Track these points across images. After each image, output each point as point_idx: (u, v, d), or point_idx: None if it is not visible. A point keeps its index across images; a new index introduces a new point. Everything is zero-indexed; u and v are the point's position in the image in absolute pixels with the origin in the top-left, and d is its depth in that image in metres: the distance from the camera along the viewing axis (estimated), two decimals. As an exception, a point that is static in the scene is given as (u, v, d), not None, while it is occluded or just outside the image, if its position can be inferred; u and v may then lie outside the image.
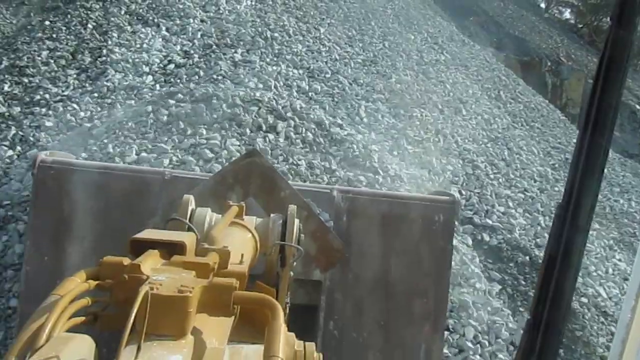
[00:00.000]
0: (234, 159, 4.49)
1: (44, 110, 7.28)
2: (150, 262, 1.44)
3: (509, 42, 21.88)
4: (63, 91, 7.69)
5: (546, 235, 7.90)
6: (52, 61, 8.31)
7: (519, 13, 28.08)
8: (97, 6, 9.73)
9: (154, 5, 9.92)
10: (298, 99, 6.65)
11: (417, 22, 13.53)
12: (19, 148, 6.62)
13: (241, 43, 8.63)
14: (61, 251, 4.15)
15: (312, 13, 10.56)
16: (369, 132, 7.92)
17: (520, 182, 9.40)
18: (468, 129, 9.63)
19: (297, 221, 2.72)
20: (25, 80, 7.82)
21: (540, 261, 7.43)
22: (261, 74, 7.83)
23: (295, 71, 8.16)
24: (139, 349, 1.14)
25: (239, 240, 2.27)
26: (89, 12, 9.53)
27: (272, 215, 2.75)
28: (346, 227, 4.29)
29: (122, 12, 9.59)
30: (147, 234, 1.62)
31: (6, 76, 7.91)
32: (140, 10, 9.76)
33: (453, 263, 5.04)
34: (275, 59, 8.43)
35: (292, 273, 2.83)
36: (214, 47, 8.59)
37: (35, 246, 4.28)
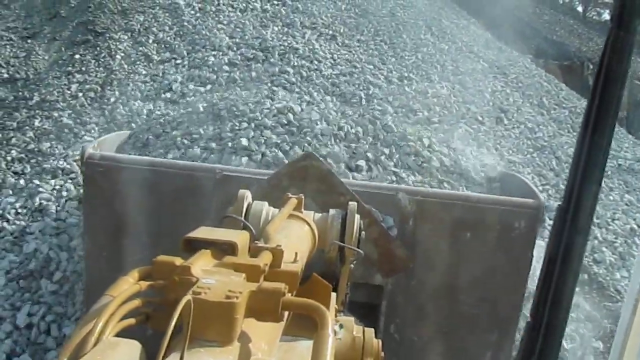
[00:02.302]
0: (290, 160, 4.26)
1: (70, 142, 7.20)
2: (201, 263, 1.42)
3: (548, 47, 21.20)
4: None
5: (604, 249, 7.30)
6: (80, 94, 8.28)
7: (556, 17, 27.30)
8: (126, 36, 9.74)
9: (180, 33, 9.86)
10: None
11: (451, 31, 13.13)
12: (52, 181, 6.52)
13: (267, 74, 8.36)
14: (119, 246, 4.13)
15: (341, 30, 10.32)
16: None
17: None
18: (511, 139, 9.11)
19: (357, 218, 2.59)
20: (55, 114, 7.79)
21: (601, 275, 6.85)
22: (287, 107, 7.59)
23: (328, 98, 7.84)
24: (182, 355, 1.10)
25: (296, 233, 2.23)
26: (118, 43, 9.53)
27: (331, 210, 2.63)
28: (412, 232, 3.99)
29: (150, 41, 9.55)
30: (200, 232, 1.59)
31: (37, 111, 7.91)
32: (168, 38, 9.71)
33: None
34: (304, 85, 8.14)
35: (351, 266, 2.71)
36: (239, 80, 8.34)
37: (93, 242, 4.29)
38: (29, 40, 10.37)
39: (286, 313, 1.37)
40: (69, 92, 8.27)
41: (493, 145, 8.09)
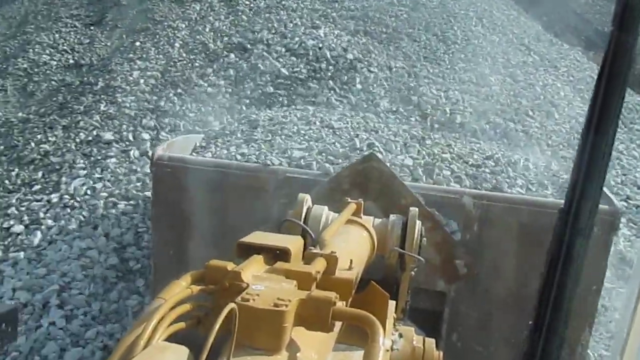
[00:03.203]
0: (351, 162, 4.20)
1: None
2: (253, 269, 1.41)
3: (599, 39, 20.65)
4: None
5: (655, 248, 7.25)
6: (142, 80, 8.65)
7: (608, 9, 26.49)
8: (183, 25, 10.07)
9: (235, 22, 10.12)
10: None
11: (502, 23, 13.01)
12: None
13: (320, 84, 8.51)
14: (185, 245, 4.22)
15: (393, 25, 10.38)
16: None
17: (622, 189, 8.71)
18: (562, 134, 9.07)
19: (418, 224, 2.55)
20: (119, 99, 8.17)
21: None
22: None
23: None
24: None
25: (354, 239, 2.19)
26: (175, 31, 9.87)
27: (391, 216, 2.59)
28: (477, 237, 3.86)
29: (207, 30, 9.85)
30: (254, 237, 1.59)
31: (102, 96, 8.32)
32: (224, 27, 9.99)
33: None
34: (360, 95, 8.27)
35: (412, 272, 2.67)
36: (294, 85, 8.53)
37: (160, 240, 4.40)
38: (91, 27, 10.84)
39: (338, 323, 1.33)
40: (131, 78, 8.64)
41: (545, 141, 8.09)
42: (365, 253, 2.22)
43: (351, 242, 2.10)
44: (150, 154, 4.73)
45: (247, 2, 10.56)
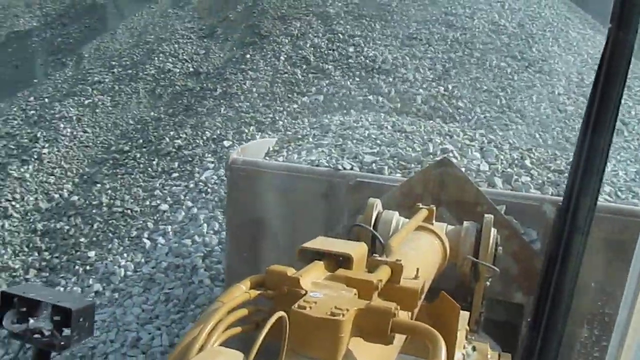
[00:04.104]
0: (423, 167, 4.17)
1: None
2: (313, 275, 1.40)
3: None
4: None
5: None
6: (254, 89, 10.06)
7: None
8: (287, 40, 11.44)
9: (332, 39, 11.39)
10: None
11: (577, 43, 13.68)
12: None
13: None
14: (257, 247, 4.26)
15: (478, 46, 11.30)
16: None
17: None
18: (631, 150, 9.78)
19: (494, 232, 2.45)
20: (236, 104, 9.60)
21: None
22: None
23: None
24: None
25: (423, 247, 2.12)
26: (280, 46, 11.25)
27: (465, 223, 2.51)
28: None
29: (308, 45, 11.17)
30: (316, 242, 1.57)
31: (221, 101, 9.78)
32: (321, 44, 11.28)
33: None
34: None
35: (487, 282, 2.57)
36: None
37: (234, 242, 4.46)
38: (205, 40, 12.40)
39: (400, 335, 1.28)
40: (245, 86, 10.07)
41: (613, 156, 8.87)
42: (436, 261, 2.13)
43: (420, 250, 2.03)
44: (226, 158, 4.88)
45: (342, 22, 11.81)
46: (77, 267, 7.10)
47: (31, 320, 1.67)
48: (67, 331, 1.65)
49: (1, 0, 21.26)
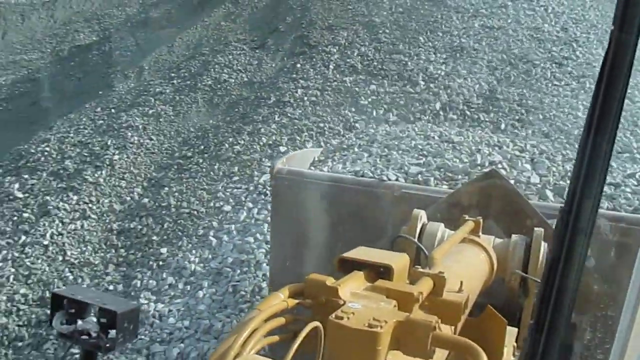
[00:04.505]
0: (471, 179, 4.10)
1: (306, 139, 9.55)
2: (352, 285, 1.40)
3: None
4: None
5: None
6: (305, 97, 10.66)
7: None
8: (335, 49, 12.01)
9: (378, 48, 11.88)
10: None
11: None
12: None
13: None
14: (300, 257, 4.25)
15: (522, 53, 11.57)
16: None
17: None
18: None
19: (544, 246, 2.39)
20: (289, 112, 10.22)
21: None
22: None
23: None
24: None
25: (468, 259, 2.08)
26: (329, 55, 11.83)
27: (513, 236, 2.46)
28: (613, 264, 3.43)
29: (355, 54, 11.71)
30: (357, 252, 1.57)
31: (275, 109, 10.42)
32: (368, 53, 11.80)
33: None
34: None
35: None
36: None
37: (277, 251, 4.51)
38: (257, 51, 13.11)
39: (443, 350, 1.25)
40: (296, 94, 10.68)
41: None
42: (482, 275, 2.08)
43: (465, 263, 1.99)
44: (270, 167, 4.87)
45: (387, 32, 12.30)
46: (151, 262, 7.83)
47: (79, 322, 1.72)
48: (112, 333, 1.69)
49: (62, 16, 22.67)
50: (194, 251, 7.72)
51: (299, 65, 11.67)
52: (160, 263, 7.78)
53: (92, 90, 15.50)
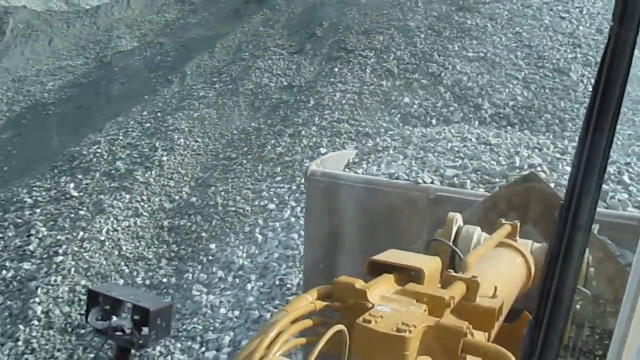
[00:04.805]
0: (509, 182, 4.05)
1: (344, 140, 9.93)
2: (382, 288, 1.39)
3: None
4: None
5: None
6: (343, 100, 11.05)
7: None
8: (371, 54, 12.37)
9: (414, 52, 12.20)
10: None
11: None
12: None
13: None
14: (334, 260, 4.23)
15: (557, 59, 11.73)
16: None
17: None
18: None
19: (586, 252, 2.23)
20: (328, 115, 10.62)
21: None
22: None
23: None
24: None
25: (504, 264, 2.06)
26: (366, 59, 12.20)
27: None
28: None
29: (391, 58, 12.05)
30: (387, 255, 1.56)
31: (315, 112, 10.84)
32: (404, 57, 12.13)
33: None
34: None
35: (577, 306, 2.44)
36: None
37: (311, 253, 4.47)
38: (295, 55, 13.56)
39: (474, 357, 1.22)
40: (335, 97, 11.08)
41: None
42: (518, 280, 2.05)
43: (500, 267, 1.97)
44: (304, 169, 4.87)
45: (422, 35, 12.60)
46: (201, 257, 8.33)
47: (114, 318, 1.75)
48: (145, 330, 1.72)
49: (104, 23, 23.57)
50: (241, 247, 8.18)
51: (336, 70, 12.07)
52: (210, 258, 8.26)
53: (135, 94, 16.20)
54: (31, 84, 20.43)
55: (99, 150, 11.90)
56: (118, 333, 1.73)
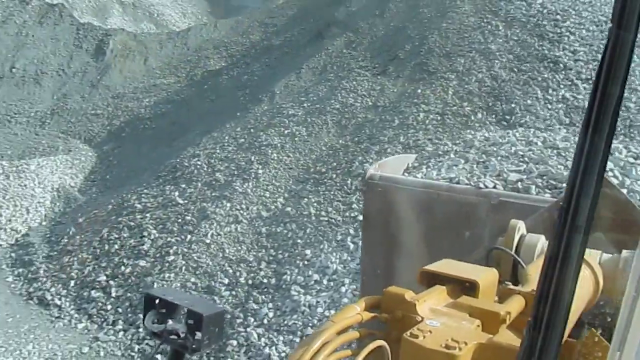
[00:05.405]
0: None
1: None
2: (433, 300, 1.33)
3: None
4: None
5: None
6: (427, 120, 11.69)
7: None
8: (453, 76, 12.96)
9: (494, 76, 12.68)
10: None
11: None
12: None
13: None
14: (392, 266, 4.17)
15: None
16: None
17: None
18: None
19: None
20: (413, 134, 11.28)
21: None
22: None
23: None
24: None
25: None
26: (448, 81, 12.80)
27: (624, 252, 2.31)
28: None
29: (473, 80, 12.59)
30: (440, 265, 1.52)
31: (399, 131, 11.54)
32: (485, 79, 12.62)
33: None
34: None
35: None
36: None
37: (369, 259, 4.46)
38: (378, 77, 14.35)
39: None
40: (419, 118, 11.75)
41: None
42: (584, 294, 1.95)
43: None
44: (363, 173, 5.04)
45: (504, 60, 13.06)
46: (297, 261, 9.17)
47: (169, 322, 1.77)
48: (199, 335, 1.74)
49: (194, 44, 25.33)
50: (334, 253, 8.96)
51: (419, 91, 12.74)
52: (306, 262, 9.09)
53: (225, 111, 17.50)
54: (129, 100, 22.32)
55: (198, 163, 13.10)
56: (173, 337, 1.76)
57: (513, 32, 13.69)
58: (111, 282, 10.13)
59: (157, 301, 1.80)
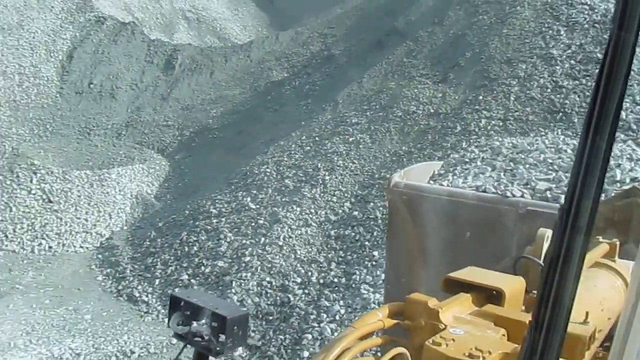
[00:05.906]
0: (608, 197, 3.86)
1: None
2: (457, 308, 1.33)
3: None
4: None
5: None
6: (488, 127, 11.97)
7: None
8: (514, 82, 13.16)
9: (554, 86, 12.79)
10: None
11: None
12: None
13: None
14: (416, 274, 4.12)
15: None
16: None
17: None
18: None
19: None
20: (476, 140, 11.58)
21: None
22: None
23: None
24: None
25: (600, 286, 1.95)
26: (509, 87, 13.02)
27: None
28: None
29: (535, 86, 12.76)
30: (465, 273, 1.49)
31: (462, 137, 11.86)
32: (547, 84, 12.76)
33: None
34: None
35: None
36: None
37: (393, 267, 4.41)
38: (439, 84, 14.71)
39: None
40: (480, 124, 12.04)
41: None
42: (616, 305, 1.91)
43: (594, 291, 1.86)
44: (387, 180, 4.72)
45: (566, 66, 13.15)
46: (366, 262, 9.69)
47: (194, 324, 1.78)
48: (222, 337, 1.74)
49: (257, 56, 26.36)
50: (401, 255, 9.41)
51: (480, 97, 13.02)
52: (374, 263, 9.59)
53: (289, 120, 18.26)
54: (197, 111, 23.52)
55: (268, 170, 13.87)
56: (197, 339, 1.77)
57: (575, 37, 13.76)
58: (192, 281, 10.97)
59: (182, 303, 1.83)
